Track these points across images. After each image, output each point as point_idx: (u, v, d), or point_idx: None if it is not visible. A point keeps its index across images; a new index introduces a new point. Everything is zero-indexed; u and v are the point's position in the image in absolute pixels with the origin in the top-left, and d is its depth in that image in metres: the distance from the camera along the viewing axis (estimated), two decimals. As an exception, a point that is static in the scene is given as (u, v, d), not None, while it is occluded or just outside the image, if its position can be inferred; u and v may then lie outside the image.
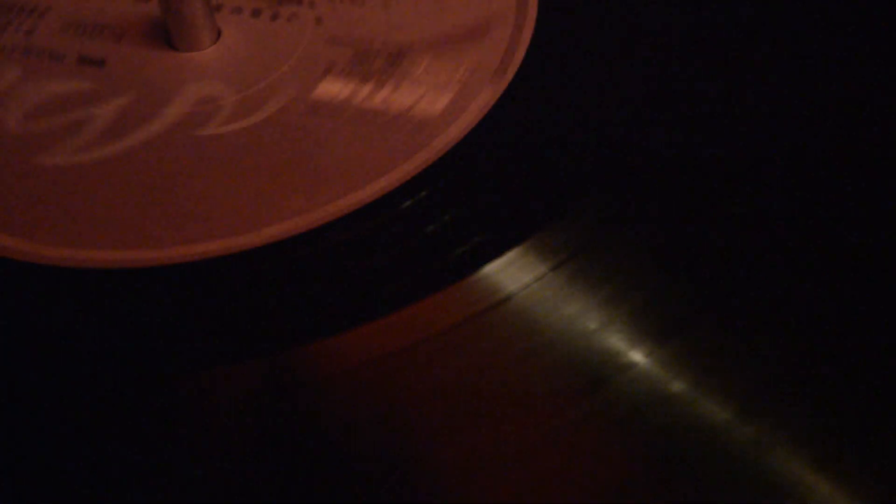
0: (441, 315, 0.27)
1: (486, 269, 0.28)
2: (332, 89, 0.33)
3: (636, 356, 0.26)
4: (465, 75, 0.32)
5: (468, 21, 0.34)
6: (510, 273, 0.27)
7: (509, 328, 0.27)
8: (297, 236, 0.29)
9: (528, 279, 0.27)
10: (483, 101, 0.32)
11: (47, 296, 0.28)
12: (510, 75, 0.32)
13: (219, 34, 0.35)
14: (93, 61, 0.35)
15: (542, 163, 0.30)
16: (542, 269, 0.28)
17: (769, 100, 0.31)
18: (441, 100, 0.32)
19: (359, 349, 0.26)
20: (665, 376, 0.26)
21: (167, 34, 0.34)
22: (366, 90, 0.32)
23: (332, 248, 0.29)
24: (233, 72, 0.34)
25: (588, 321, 0.27)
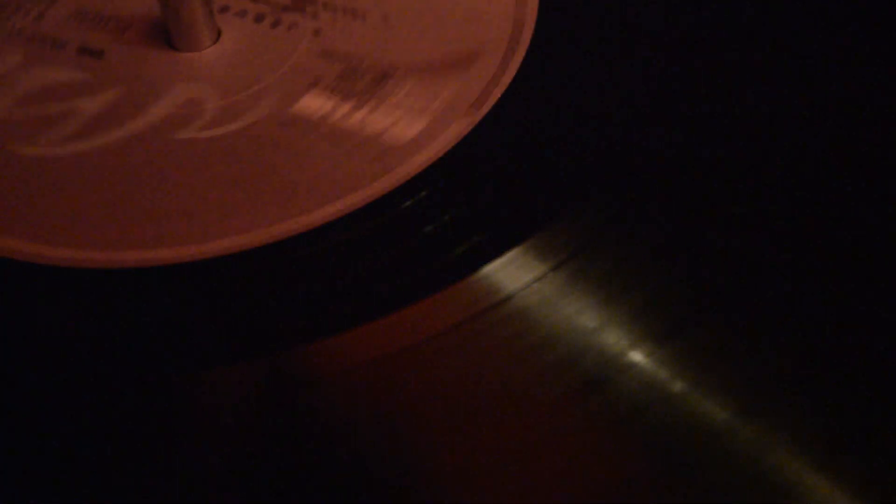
0: (441, 315, 0.27)
1: (486, 269, 0.28)
2: (312, 104, 0.32)
3: (636, 356, 0.26)
4: (441, 104, 0.32)
5: (460, 48, 0.33)
6: (510, 273, 0.27)
7: (509, 328, 0.27)
8: (297, 236, 0.29)
9: (528, 279, 0.27)
10: (453, 133, 0.31)
11: (46, 296, 0.28)
12: (485, 110, 0.31)
13: (219, 35, 0.34)
14: (92, 52, 0.34)
15: (543, 163, 0.30)
16: (542, 269, 0.27)
17: (769, 100, 0.31)
18: (414, 127, 0.31)
19: (359, 349, 0.26)
20: (665, 376, 0.26)
21: (166, 32, 0.34)
22: (345, 108, 0.32)
23: (332, 248, 0.29)
24: (223, 76, 0.33)
25: (588, 321, 0.27)
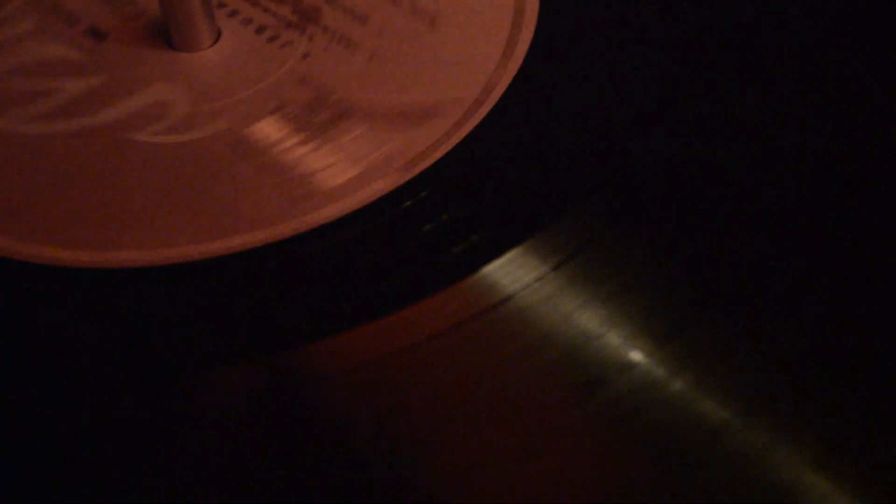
0: (441, 315, 0.27)
1: (486, 269, 0.28)
2: (266, 130, 0.31)
3: (636, 356, 0.26)
4: (379, 157, 0.30)
5: (425, 100, 0.32)
6: (510, 273, 0.27)
7: (509, 328, 0.27)
8: (297, 236, 0.29)
9: (528, 279, 0.27)
10: (375, 189, 0.30)
11: (46, 295, 0.28)
12: (412, 173, 0.30)
13: (217, 39, 0.34)
14: (97, 34, 0.34)
15: (543, 163, 0.30)
16: (542, 269, 0.27)
17: (770, 100, 0.31)
18: (343, 175, 0.30)
19: (359, 349, 0.26)
20: (665, 376, 0.26)
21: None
22: (293, 141, 0.31)
23: (333, 248, 0.29)
24: (201, 82, 0.33)
25: (588, 321, 0.27)
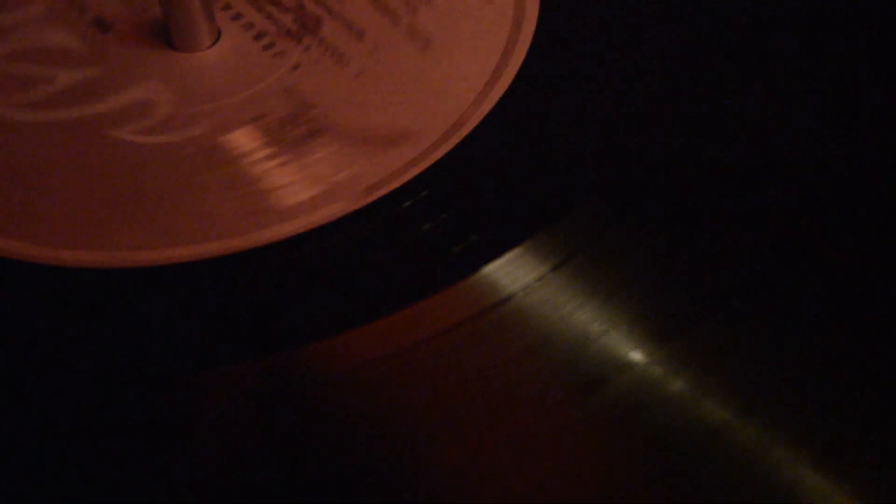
0: (441, 315, 0.27)
1: (486, 269, 0.28)
2: (240, 139, 0.31)
3: (636, 356, 0.26)
4: (339, 179, 0.30)
5: (398, 125, 0.31)
6: (510, 273, 0.27)
7: (509, 328, 0.27)
8: (297, 236, 0.29)
9: (528, 279, 0.27)
10: (327, 213, 0.29)
11: (46, 295, 0.28)
12: (368, 199, 0.30)
13: (215, 41, 0.34)
14: (102, 25, 0.34)
15: (543, 163, 0.30)
16: (542, 269, 0.27)
17: (770, 100, 0.31)
18: (301, 194, 0.30)
19: (359, 349, 0.26)
20: (665, 376, 0.26)
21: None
22: (262, 154, 0.31)
23: (333, 248, 0.29)
24: (190, 84, 0.33)
25: (588, 321, 0.27)
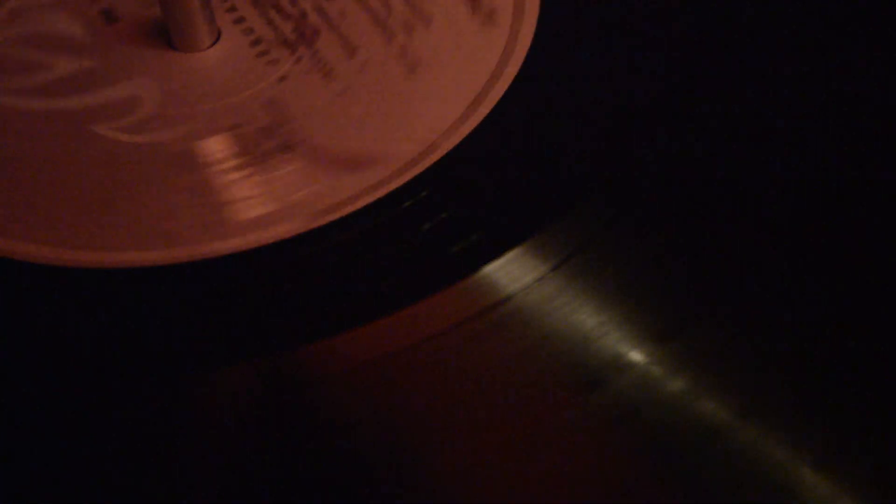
0: (441, 315, 0.27)
1: (486, 269, 0.28)
2: (213, 147, 0.31)
3: (636, 356, 0.26)
4: (295, 199, 0.30)
5: (366, 149, 0.31)
6: (510, 273, 0.27)
7: (509, 328, 0.27)
8: (297, 236, 0.29)
9: (528, 279, 0.27)
10: (276, 232, 0.29)
11: (46, 296, 0.28)
12: (320, 222, 0.29)
13: (213, 44, 0.34)
14: (109, 17, 0.34)
15: (543, 163, 0.30)
16: (542, 269, 0.27)
17: (770, 100, 0.31)
18: (256, 210, 0.29)
19: (359, 349, 0.26)
20: (665, 376, 0.26)
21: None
22: (230, 164, 0.30)
23: (333, 248, 0.29)
24: (178, 85, 0.33)
25: (588, 321, 0.27)
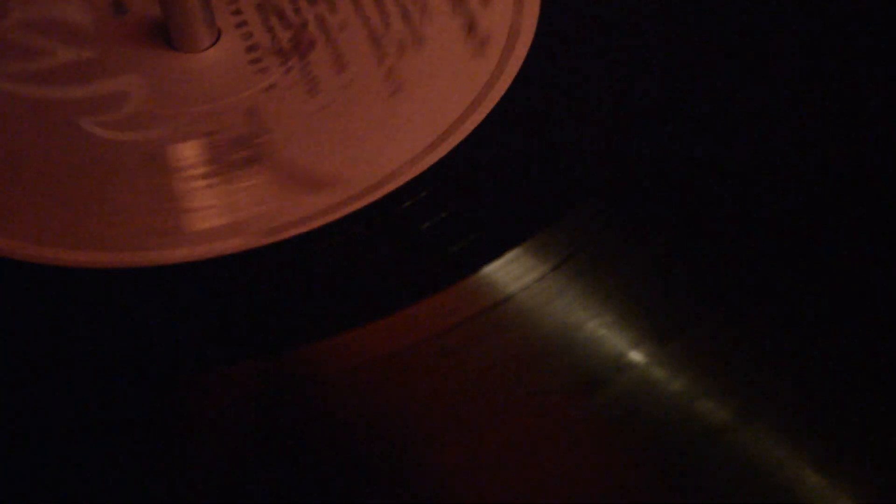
0: (441, 315, 0.27)
1: (486, 269, 0.28)
2: (184, 153, 0.31)
3: (636, 356, 0.26)
4: (247, 214, 0.29)
5: (328, 170, 0.30)
6: (510, 273, 0.27)
7: (509, 328, 0.27)
8: (297, 236, 0.29)
9: (528, 279, 0.27)
10: (225, 246, 0.29)
11: (47, 296, 0.28)
12: (270, 239, 0.29)
13: (211, 45, 0.33)
14: (119, 7, 0.34)
15: (543, 163, 0.30)
16: (542, 269, 0.27)
17: (770, 101, 0.31)
18: (211, 221, 0.29)
19: (359, 349, 0.26)
20: (665, 376, 0.26)
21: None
22: (198, 171, 0.30)
23: (333, 248, 0.29)
24: (168, 85, 0.32)
25: (588, 321, 0.27)
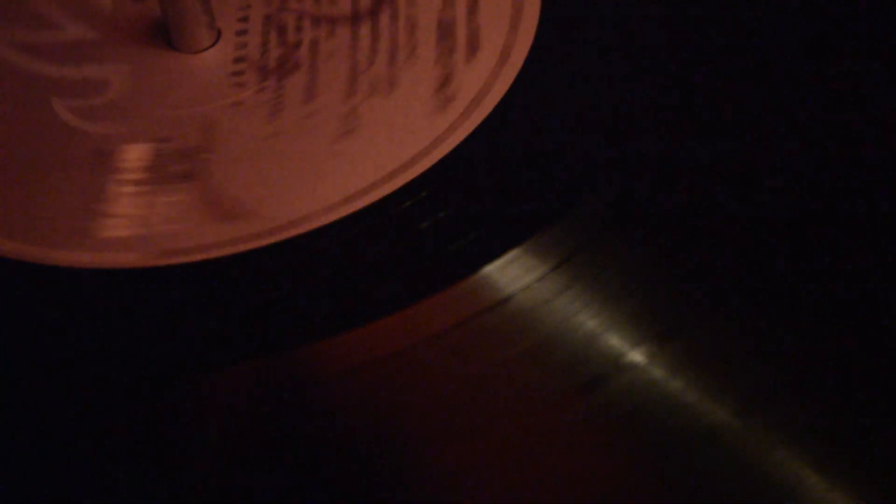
0: (441, 315, 0.27)
1: (486, 269, 0.28)
2: (132, 154, 0.30)
3: (636, 356, 0.26)
4: (156, 231, 0.29)
5: (245, 201, 0.29)
6: (510, 273, 0.27)
7: (509, 328, 0.27)
8: (297, 236, 0.29)
9: (529, 279, 0.27)
10: (113, 260, 0.28)
11: (47, 296, 0.28)
12: (162, 261, 0.28)
13: (210, 47, 0.33)
14: None
15: (544, 163, 0.30)
16: (542, 269, 0.28)
17: (770, 101, 0.31)
18: (121, 231, 0.29)
19: (359, 349, 0.26)
20: (665, 376, 0.26)
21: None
22: (134, 176, 0.30)
23: (332, 248, 0.29)
24: (150, 82, 0.32)
25: (588, 321, 0.27)
